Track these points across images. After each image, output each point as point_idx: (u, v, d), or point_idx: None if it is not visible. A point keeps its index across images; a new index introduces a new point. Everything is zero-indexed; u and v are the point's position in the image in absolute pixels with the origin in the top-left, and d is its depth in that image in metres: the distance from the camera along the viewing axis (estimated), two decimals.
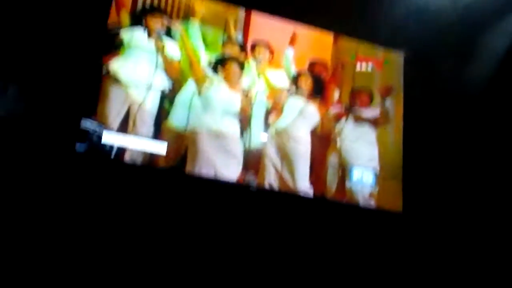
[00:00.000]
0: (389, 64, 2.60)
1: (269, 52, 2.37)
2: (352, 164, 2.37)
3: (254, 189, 2.18)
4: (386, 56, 2.60)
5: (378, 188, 2.38)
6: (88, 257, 1.89)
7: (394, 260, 2.31)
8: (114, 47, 2.09)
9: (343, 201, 2.32)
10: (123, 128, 2.03)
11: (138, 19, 2.16)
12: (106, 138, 1.99)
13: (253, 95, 2.28)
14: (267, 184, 2.21)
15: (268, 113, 2.30)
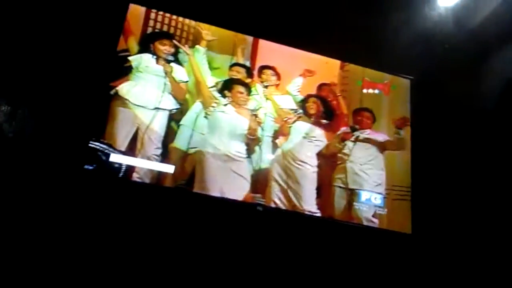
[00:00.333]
0: (397, 89, 2.62)
1: (277, 78, 2.42)
2: (361, 186, 2.34)
3: (261, 209, 2.16)
4: (393, 81, 2.63)
5: (387, 209, 2.34)
6: (97, 274, 1.89)
7: (403, 282, 2.24)
8: (124, 72, 2.17)
9: (351, 222, 2.28)
10: (132, 149, 2.06)
11: (147, 45, 2.25)
12: (114, 159, 2.02)
13: (261, 118, 2.31)
14: (274, 205, 2.19)
15: (276, 136, 2.31)
